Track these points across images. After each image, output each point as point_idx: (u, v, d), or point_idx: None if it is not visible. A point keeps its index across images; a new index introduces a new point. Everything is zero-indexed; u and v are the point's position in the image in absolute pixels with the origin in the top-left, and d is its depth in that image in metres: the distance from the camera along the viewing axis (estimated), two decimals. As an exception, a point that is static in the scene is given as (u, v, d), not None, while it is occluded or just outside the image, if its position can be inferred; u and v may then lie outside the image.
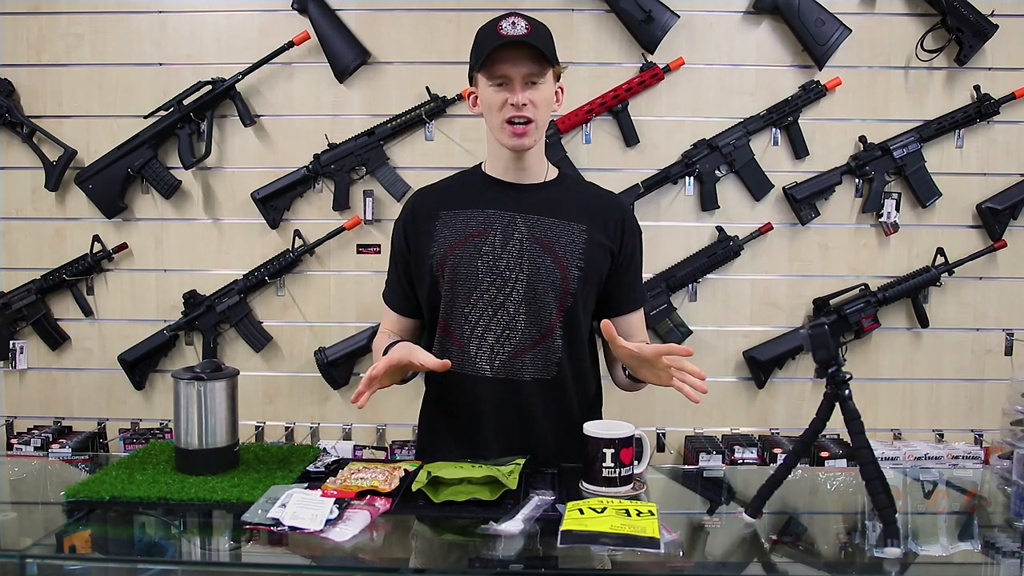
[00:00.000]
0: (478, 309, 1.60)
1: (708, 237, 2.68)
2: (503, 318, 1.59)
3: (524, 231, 1.60)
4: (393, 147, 2.68)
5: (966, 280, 2.68)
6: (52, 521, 1.38)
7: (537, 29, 1.55)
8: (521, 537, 1.22)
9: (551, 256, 1.59)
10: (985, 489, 1.65)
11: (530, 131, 1.56)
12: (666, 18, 2.57)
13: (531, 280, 1.58)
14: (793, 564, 1.24)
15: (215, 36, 2.69)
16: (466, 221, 1.63)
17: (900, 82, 2.64)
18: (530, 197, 1.63)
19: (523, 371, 1.61)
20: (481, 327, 1.60)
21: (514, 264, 1.59)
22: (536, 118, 1.56)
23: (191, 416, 1.45)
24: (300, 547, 1.21)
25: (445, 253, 1.62)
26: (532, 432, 1.62)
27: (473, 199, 1.65)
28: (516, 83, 1.54)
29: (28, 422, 2.77)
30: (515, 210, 1.62)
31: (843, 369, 1.21)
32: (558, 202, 1.63)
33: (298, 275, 2.74)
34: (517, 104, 1.54)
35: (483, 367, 1.61)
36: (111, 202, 2.69)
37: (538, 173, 1.65)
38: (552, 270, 1.59)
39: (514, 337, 1.60)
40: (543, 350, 1.61)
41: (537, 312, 1.58)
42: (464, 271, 1.60)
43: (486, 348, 1.60)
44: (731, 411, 2.73)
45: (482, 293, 1.60)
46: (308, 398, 2.77)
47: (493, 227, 1.61)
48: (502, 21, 1.54)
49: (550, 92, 1.58)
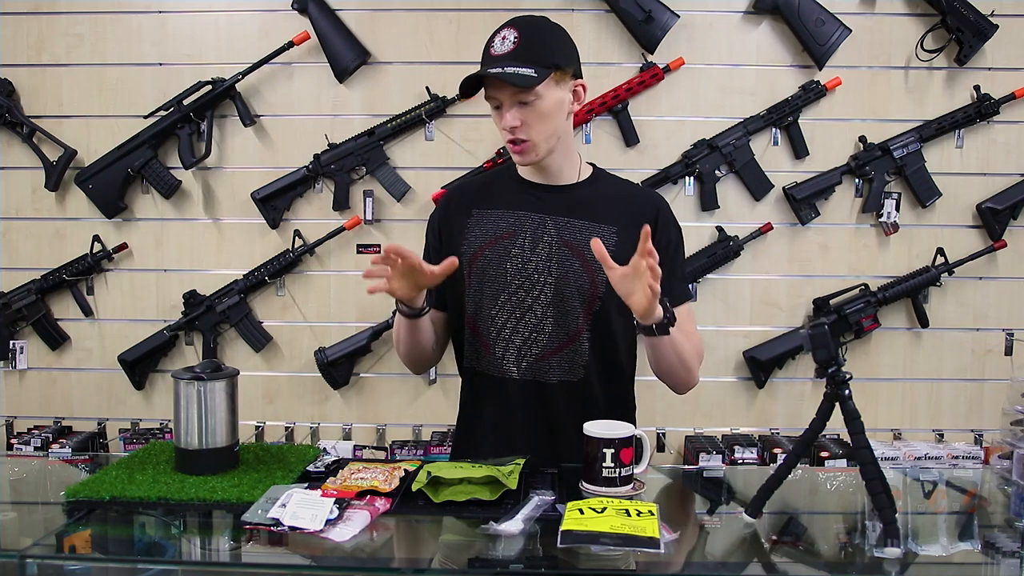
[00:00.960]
0: (505, 311, 1.60)
1: (708, 237, 2.68)
2: (531, 320, 1.59)
3: (554, 233, 1.60)
4: (393, 147, 2.68)
5: (966, 280, 2.68)
6: (52, 521, 1.38)
7: (527, 42, 1.50)
8: (521, 537, 1.22)
9: (580, 259, 1.58)
10: (985, 489, 1.65)
11: (527, 149, 1.54)
12: (666, 18, 2.57)
13: (559, 283, 1.58)
14: (793, 564, 1.24)
15: (215, 36, 2.69)
16: (497, 222, 1.63)
17: (900, 82, 2.64)
18: (560, 199, 1.62)
19: (550, 373, 1.61)
20: (508, 329, 1.60)
21: (543, 267, 1.58)
22: (532, 136, 1.53)
23: (191, 416, 1.44)
24: (300, 547, 1.21)
25: (475, 253, 1.62)
26: (560, 434, 1.61)
27: (505, 199, 1.65)
28: (506, 105, 1.52)
29: (28, 422, 2.77)
30: (545, 212, 1.61)
31: (843, 369, 1.21)
32: (589, 203, 1.62)
33: (298, 275, 2.74)
34: (507, 127, 1.53)
35: (510, 369, 1.61)
36: (111, 202, 2.69)
37: (568, 175, 1.64)
38: (580, 274, 1.58)
39: (541, 340, 1.59)
40: (570, 353, 1.60)
41: (564, 315, 1.58)
42: (493, 272, 1.60)
43: (513, 350, 1.60)
44: (731, 411, 2.73)
45: (510, 295, 1.60)
46: (308, 398, 2.77)
47: (523, 229, 1.61)
48: (496, 36, 1.52)
49: (550, 103, 1.53)
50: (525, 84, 1.48)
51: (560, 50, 1.56)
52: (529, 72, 1.49)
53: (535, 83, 1.49)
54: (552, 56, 1.53)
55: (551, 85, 1.53)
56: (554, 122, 1.55)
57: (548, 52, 1.53)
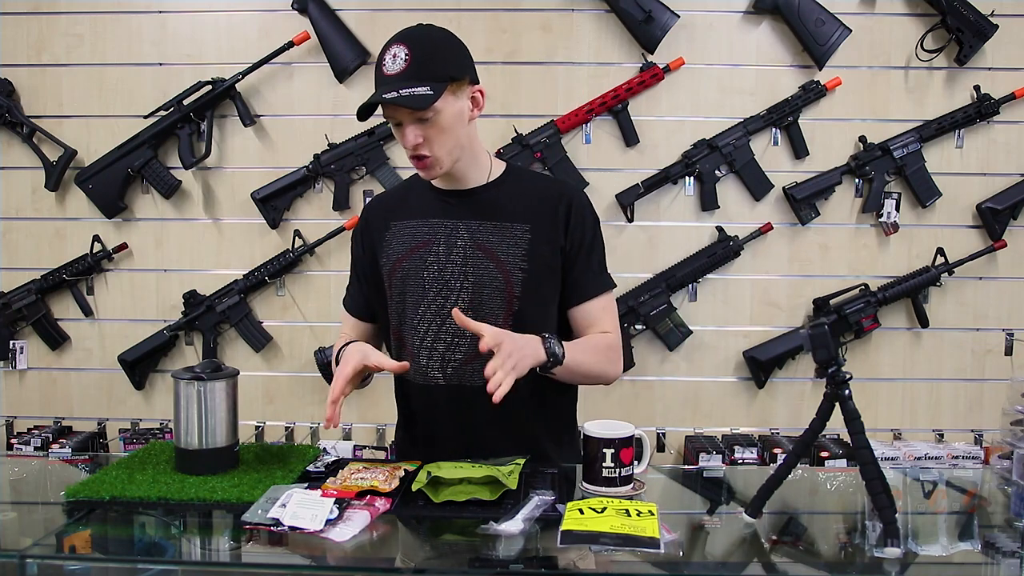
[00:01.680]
0: (426, 319, 1.61)
1: (708, 237, 2.68)
2: (451, 326, 1.58)
3: (467, 238, 1.60)
4: (393, 147, 2.68)
5: (966, 280, 2.68)
6: (52, 521, 1.38)
7: (419, 59, 1.47)
8: (521, 537, 1.21)
9: (494, 262, 1.58)
10: (985, 489, 1.65)
11: (430, 164, 1.53)
12: (666, 18, 2.57)
13: (476, 287, 1.58)
14: (793, 564, 1.24)
15: (215, 36, 2.69)
16: (413, 232, 1.63)
17: (900, 82, 2.64)
18: (472, 203, 1.62)
19: (474, 377, 1.59)
20: (431, 336, 1.61)
21: (458, 272, 1.59)
22: (434, 151, 1.52)
23: (191, 416, 1.44)
24: (300, 547, 1.21)
25: (394, 264, 1.63)
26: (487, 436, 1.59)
27: (420, 209, 1.65)
28: (405, 123, 1.50)
29: (28, 422, 2.77)
30: (457, 217, 1.61)
31: (843, 369, 1.21)
32: (500, 204, 1.61)
33: (298, 275, 2.74)
34: (408, 146, 1.52)
35: (435, 375, 1.61)
36: (111, 202, 2.69)
37: (476, 177, 1.63)
38: (496, 276, 1.58)
39: (463, 345, 1.59)
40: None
41: (484, 318, 1.55)
42: (412, 282, 1.61)
43: (437, 356, 1.61)
44: (731, 411, 2.73)
45: (429, 303, 1.60)
46: (308, 398, 2.77)
47: (437, 236, 1.61)
48: (385, 54, 1.49)
49: (449, 116, 1.50)
50: (421, 105, 1.46)
51: (453, 60, 1.52)
52: (424, 91, 1.46)
53: (431, 101, 1.46)
54: (446, 68, 1.50)
55: (448, 98, 1.49)
56: (455, 134, 1.53)
57: (441, 65, 1.49)
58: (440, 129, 1.51)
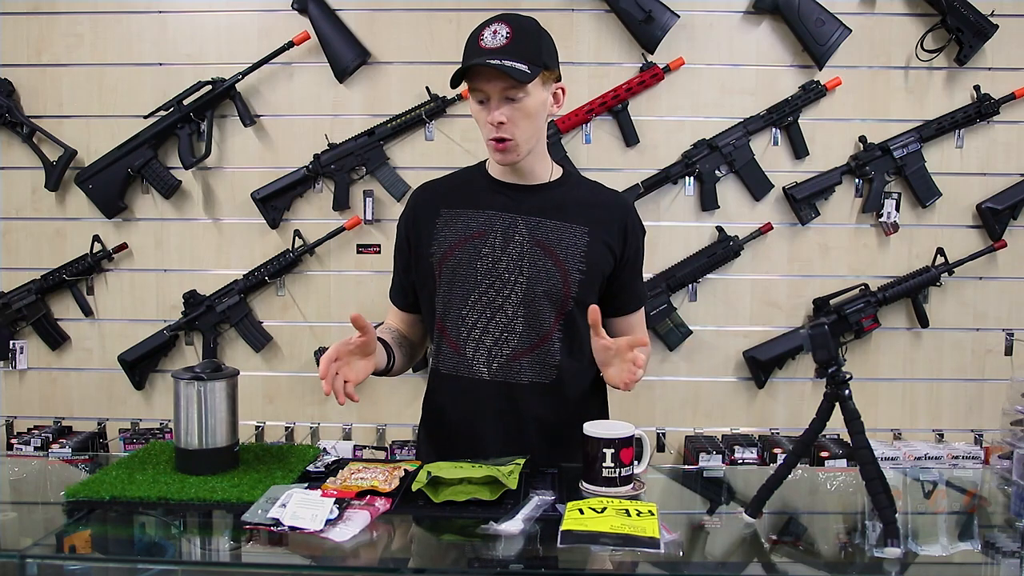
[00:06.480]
0: (476, 311, 1.59)
1: (708, 237, 2.68)
2: (501, 321, 1.58)
3: (525, 233, 1.59)
4: (393, 147, 2.68)
5: (966, 280, 2.68)
6: (52, 521, 1.38)
7: (519, 38, 1.49)
8: (521, 537, 1.22)
9: (552, 259, 1.58)
10: (985, 489, 1.65)
11: (510, 148, 1.53)
12: (666, 18, 2.57)
13: (530, 283, 1.58)
14: (793, 564, 1.24)
15: (215, 36, 2.69)
16: (467, 221, 1.62)
17: (900, 82, 2.64)
18: (532, 199, 1.62)
19: (521, 374, 1.60)
20: (479, 329, 1.59)
21: (514, 267, 1.58)
22: (516, 135, 1.52)
23: (191, 416, 1.44)
24: (300, 547, 1.21)
25: (445, 253, 1.61)
26: (530, 435, 1.61)
27: (475, 199, 1.64)
28: (493, 100, 1.51)
29: (28, 422, 2.77)
30: (517, 212, 1.61)
31: (843, 369, 1.21)
32: (560, 204, 1.62)
33: (298, 275, 2.74)
34: (494, 123, 1.51)
35: (480, 370, 1.60)
36: (111, 202, 2.69)
37: (540, 175, 1.64)
38: (552, 273, 1.58)
39: (512, 340, 1.59)
40: (541, 353, 1.60)
41: (535, 316, 1.57)
42: (463, 272, 1.59)
43: (483, 351, 1.60)
44: (731, 411, 2.73)
45: (480, 295, 1.59)
46: (308, 398, 2.77)
47: (494, 228, 1.60)
48: (484, 30, 1.51)
49: (536, 102, 1.52)
50: (522, 78, 1.48)
51: (547, 50, 1.55)
52: (524, 68, 1.48)
53: (530, 78, 1.49)
54: (541, 55, 1.53)
55: (539, 84, 1.53)
56: (537, 122, 1.55)
57: (538, 51, 1.52)
58: (525, 113, 1.52)
